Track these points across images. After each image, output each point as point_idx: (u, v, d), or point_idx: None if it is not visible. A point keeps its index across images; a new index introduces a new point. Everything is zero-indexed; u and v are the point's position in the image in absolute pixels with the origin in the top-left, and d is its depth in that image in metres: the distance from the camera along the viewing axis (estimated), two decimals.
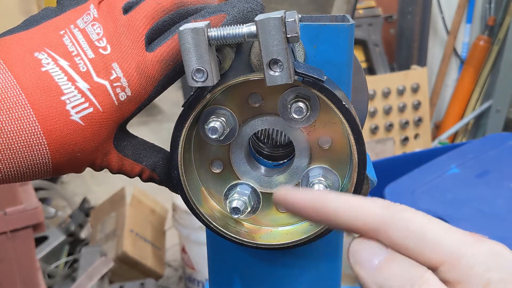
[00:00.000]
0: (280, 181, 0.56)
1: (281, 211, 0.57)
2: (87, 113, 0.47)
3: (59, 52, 0.47)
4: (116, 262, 2.21)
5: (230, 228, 0.56)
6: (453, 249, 0.34)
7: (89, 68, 0.47)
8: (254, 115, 0.53)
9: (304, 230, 0.55)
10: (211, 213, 0.56)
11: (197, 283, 2.30)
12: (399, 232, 0.35)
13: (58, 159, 0.48)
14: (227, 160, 0.56)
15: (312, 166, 0.54)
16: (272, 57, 0.44)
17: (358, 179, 0.51)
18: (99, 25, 0.49)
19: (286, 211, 0.41)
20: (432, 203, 1.85)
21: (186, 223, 2.18)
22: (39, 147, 0.46)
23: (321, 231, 0.53)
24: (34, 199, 1.64)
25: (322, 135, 0.53)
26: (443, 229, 0.35)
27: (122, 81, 0.48)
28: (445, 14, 3.56)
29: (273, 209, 0.57)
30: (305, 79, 0.48)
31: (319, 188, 0.52)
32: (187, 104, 0.50)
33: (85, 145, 0.48)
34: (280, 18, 0.43)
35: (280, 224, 0.57)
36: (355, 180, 0.51)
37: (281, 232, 0.56)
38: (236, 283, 0.65)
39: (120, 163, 0.53)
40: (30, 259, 1.64)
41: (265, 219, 0.57)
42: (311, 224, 0.56)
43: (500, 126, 3.34)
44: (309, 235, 0.54)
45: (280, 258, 0.62)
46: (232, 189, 0.56)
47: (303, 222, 0.56)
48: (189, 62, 0.46)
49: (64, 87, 0.46)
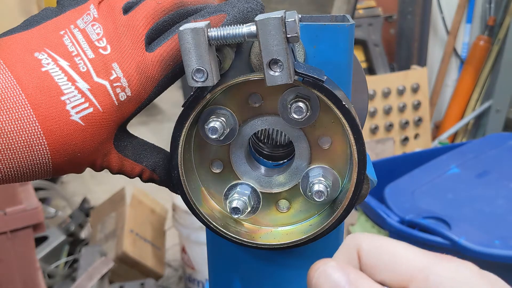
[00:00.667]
0: (280, 181, 0.56)
1: (281, 211, 0.57)
2: (87, 113, 0.47)
3: (59, 52, 0.47)
4: (116, 262, 2.21)
5: (230, 228, 0.56)
6: (423, 266, 0.35)
7: (89, 68, 0.47)
8: (254, 115, 0.53)
9: (304, 230, 0.55)
10: (211, 213, 0.56)
11: (197, 283, 2.30)
12: (369, 252, 0.36)
13: (58, 159, 0.48)
14: (227, 160, 0.56)
15: (312, 166, 0.54)
16: (272, 57, 0.44)
17: (358, 179, 0.51)
18: (99, 25, 0.49)
19: None
20: (432, 203, 1.85)
21: (186, 223, 2.18)
22: (39, 147, 0.46)
23: (321, 231, 0.53)
24: (34, 199, 1.64)
25: (322, 135, 0.53)
26: (412, 249, 0.36)
27: (122, 81, 0.48)
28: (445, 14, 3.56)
29: (273, 209, 0.57)
30: (305, 79, 0.48)
31: (319, 188, 0.52)
32: (187, 104, 0.50)
33: (85, 145, 0.48)
34: (280, 18, 0.43)
35: (280, 224, 0.57)
36: (355, 180, 0.51)
37: (281, 232, 0.56)
38: (236, 283, 0.65)
39: (120, 164, 0.53)
40: (30, 259, 1.64)
41: (265, 219, 0.57)
42: (311, 224, 0.56)
43: (500, 126, 3.34)
44: (308, 235, 0.54)
45: (280, 258, 0.62)
46: (232, 189, 0.56)
47: (303, 222, 0.56)
48: (189, 62, 0.46)
49: (64, 87, 0.46)
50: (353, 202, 0.52)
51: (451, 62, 3.65)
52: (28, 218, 1.59)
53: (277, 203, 0.57)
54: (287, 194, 0.56)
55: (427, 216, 1.76)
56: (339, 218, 0.52)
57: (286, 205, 0.57)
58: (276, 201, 0.57)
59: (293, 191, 0.56)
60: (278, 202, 0.57)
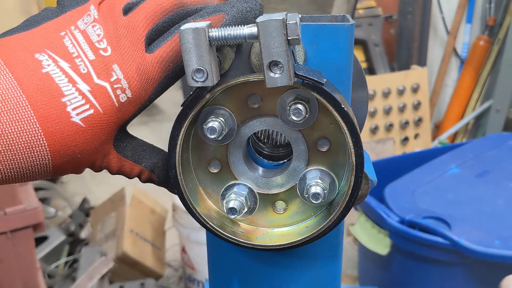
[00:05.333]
0: (278, 182, 0.56)
1: (278, 213, 0.57)
2: (88, 114, 0.47)
3: (59, 53, 0.47)
4: (116, 262, 2.21)
5: (226, 228, 0.56)
6: None
7: (89, 69, 0.47)
8: (253, 116, 0.53)
9: (300, 232, 0.55)
10: (207, 213, 0.56)
11: (197, 283, 2.30)
12: None
13: (59, 160, 0.48)
14: (225, 160, 0.56)
15: (309, 168, 0.54)
16: (272, 58, 0.44)
17: (355, 182, 0.51)
18: (99, 26, 0.49)
19: None
20: (432, 203, 1.85)
21: (186, 223, 2.18)
22: (39, 148, 0.46)
23: (317, 234, 0.53)
24: (34, 199, 1.64)
25: (320, 138, 0.53)
26: None
27: (122, 82, 0.48)
28: (445, 14, 3.56)
29: (270, 210, 0.57)
30: (304, 81, 0.48)
31: (316, 190, 0.52)
32: (186, 104, 0.50)
33: (85, 147, 0.48)
34: (281, 20, 0.43)
35: (276, 225, 0.57)
36: (352, 183, 0.51)
37: (277, 233, 0.56)
38: (236, 283, 0.65)
39: (120, 164, 0.53)
40: (30, 259, 1.64)
41: (261, 220, 0.57)
42: (307, 226, 0.56)
43: (500, 126, 3.34)
44: (304, 237, 0.54)
45: (280, 258, 0.62)
46: (229, 189, 0.56)
47: (299, 224, 0.56)
48: (189, 62, 0.46)
49: (65, 88, 0.46)
50: (349, 205, 0.52)
51: (451, 62, 3.65)
52: (28, 218, 1.59)
53: (273, 204, 0.57)
54: (284, 195, 0.56)
55: (427, 216, 1.76)
56: (335, 220, 0.52)
57: (282, 206, 0.57)
58: (273, 202, 0.57)
59: (290, 193, 0.56)
60: (275, 203, 0.57)
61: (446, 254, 1.64)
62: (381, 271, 1.94)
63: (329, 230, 0.53)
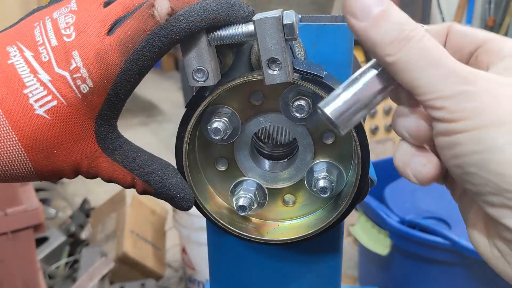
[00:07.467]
0: (285, 176, 0.56)
1: (287, 206, 0.57)
2: (51, 106, 0.45)
3: (26, 42, 0.46)
4: (117, 263, 2.21)
5: (237, 224, 0.56)
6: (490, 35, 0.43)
7: (50, 57, 0.45)
8: (257, 113, 0.54)
9: (310, 224, 0.56)
10: (218, 211, 0.56)
11: (197, 284, 2.30)
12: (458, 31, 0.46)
13: (35, 156, 0.46)
14: (232, 158, 0.56)
15: (316, 161, 0.55)
16: (270, 56, 0.45)
17: (362, 173, 0.51)
18: (73, 15, 0.46)
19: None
20: (432, 203, 1.85)
21: (187, 223, 2.18)
22: (11, 143, 0.45)
23: (327, 225, 0.54)
24: (35, 200, 1.64)
25: (325, 130, 0.53)
26: None
27: (82, 71, 0.45)
28: (445, 14, 3.56)
29: (279, 204, 0.58)
30: (304, 76, 0.48)
31: (324, 184, 0.52)
32: (190, 105, 0.50)
33: (57, 141, 0.46)
34: (277, 18, 0.43)
35: (287, 218, 0.58)
36: (360, 174, 0.51)
37: (287, 226, 0.57)
38: (237, 283, 0.65)
39: (111, 170, 0.50)
40: (31, 260, 1.64)
41: (271, 214, 0.58)
42: (317, 218, 0.56)
43: None
44: (315, 229, 0.54)
45: (280, 258, 0.62)
46: (238, 185, 0.56)
47: (309, 216, 0.57)
48: (190, 62, 0.46)
49: (27, 79, 0.45)
50: (358, 196, 0.52)
51: None
52: (29, 219, 1.59)
53: (283, 198, 0.57)
54: (292, 188, 0.57)
55: (427, 216, 1.76)
56: (344, 212, 0.53)
57: (291, 199, 0.57)
58: (282, 195, 0.57)
59: (297, 185, 0.57)
60: (284, 197, 0.57)
61: (446, 254, 1.64)
62: (381, 271, 1.94)
63: (339, 221, 0.54)
